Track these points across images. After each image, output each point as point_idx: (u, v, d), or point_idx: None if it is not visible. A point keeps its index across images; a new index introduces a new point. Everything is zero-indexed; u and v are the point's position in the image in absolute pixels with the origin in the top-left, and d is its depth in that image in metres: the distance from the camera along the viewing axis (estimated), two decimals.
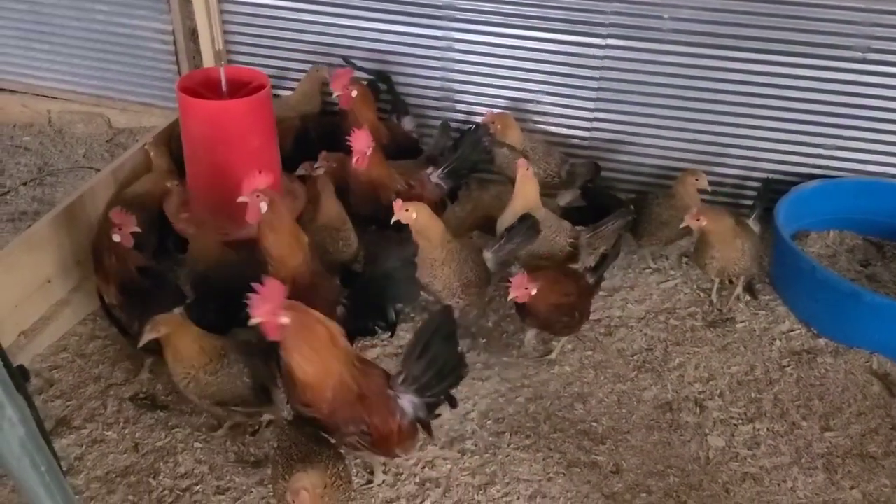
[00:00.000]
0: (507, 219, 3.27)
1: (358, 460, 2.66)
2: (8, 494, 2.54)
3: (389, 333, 3.01)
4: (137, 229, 2.82)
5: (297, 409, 2.40)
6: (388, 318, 2.89)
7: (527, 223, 3.13)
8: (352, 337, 2.83)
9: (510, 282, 2.85)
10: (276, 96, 4.21)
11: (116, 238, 2.78)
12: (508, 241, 3.13)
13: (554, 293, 2.93)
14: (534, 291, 2.85)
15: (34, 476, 1.75)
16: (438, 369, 2.41)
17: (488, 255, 3.13)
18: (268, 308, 2.23)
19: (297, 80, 4.19)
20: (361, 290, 2.87)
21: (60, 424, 2.79)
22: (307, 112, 4.04)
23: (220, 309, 2.82)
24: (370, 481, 2.63)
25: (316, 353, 2.30)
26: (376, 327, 2.92)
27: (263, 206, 2.72)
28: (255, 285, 2.24)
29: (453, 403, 2.58)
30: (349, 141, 3.25)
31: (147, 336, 2.51)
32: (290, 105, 4.04)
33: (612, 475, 2.68)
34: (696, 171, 3.49)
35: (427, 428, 2.52)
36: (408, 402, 2.43)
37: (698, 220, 3.21)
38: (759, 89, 3.71)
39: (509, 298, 2.87)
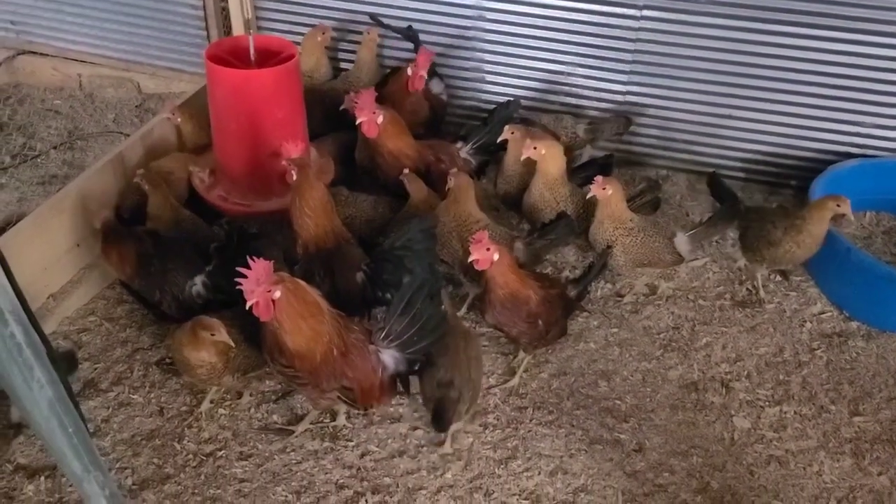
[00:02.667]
0: (532, 197, 3.24)
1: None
2: (36, 454, 2.59)
3: None
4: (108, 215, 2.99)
5: (279, 370, 2.46)
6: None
7: (562, 222, 3.06)
8: (368, 306, 2.84)
9: (472, 241, 2.63)
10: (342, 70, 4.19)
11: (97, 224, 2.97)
12: (542, 236, 3.07)
13: (516, 276, 2.69)
14: (496, 256, 2.63)
15: (62, 437, 1.78)
16: (420, 326, 2.46)
17: (519, 246, 3.04)
18: (261, 288, 2.27)
19: (327, 49, 4.14)
20: (380, 259, 2.88)
21: (88, 387, 2.83)
22: (374, 82, 3.91)
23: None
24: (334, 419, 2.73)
25: (305, 322, 2.35)
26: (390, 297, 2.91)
27: (293, 174, 2.83)
28: (241, 269, 2.27)
29: (432, 361, 2.62)
30: (354, 106, 3.26)
31: (222, 337, 2.49)
32: (361, 78, 3.94)
33: (634, 453, 2.66)
34: (839, 197, 3.02)
35: (405, 383, 2.58)
36: (389, 356, 2.50)
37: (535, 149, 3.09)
38: (796, 64, 3.61)
39: (469, 260, 2.63)
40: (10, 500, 2.44)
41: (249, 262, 2.28)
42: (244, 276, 2.27)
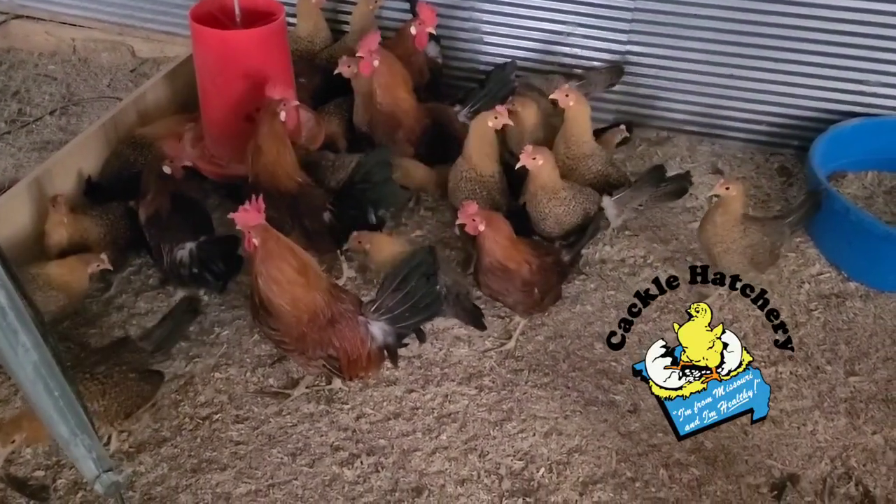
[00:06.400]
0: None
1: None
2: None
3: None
4: (189, 164, 3.00)
5: (265, 332, 2.49)
6: (368, 220, 2.93)
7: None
8: (339, 242, 2.96)
9: (461, 205, 2.67)
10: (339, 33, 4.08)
11: (167, 170, 2.93)
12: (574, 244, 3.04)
13: (508, 244, 2.70)
14: (482, 227, 2.64)
15: (48, 400, 1.77)
16: (413, 304, 2.47)
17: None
18: (245, 220, 2.36)
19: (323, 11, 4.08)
20: (343, 196, 2.93)
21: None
22: None
23: (227, 254, 2.91)
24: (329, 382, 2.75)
25: (286, 280, 2.38)
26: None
27: (282, 115, 2.95)
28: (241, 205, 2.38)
29: (422, 338, 2.65)
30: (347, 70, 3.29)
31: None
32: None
33: (629, 414, 2.67)
34: (729, 181, 2.86)
35: (393, 356, 2.59)
36: (378, 328, 2.51)
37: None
38: (800, 21, 3.53)
39: (455, 224, 2.70)
40: (10, 463, 2.47)
41: (250, 202, 2.36)
42: (242, 207, 2.36)
